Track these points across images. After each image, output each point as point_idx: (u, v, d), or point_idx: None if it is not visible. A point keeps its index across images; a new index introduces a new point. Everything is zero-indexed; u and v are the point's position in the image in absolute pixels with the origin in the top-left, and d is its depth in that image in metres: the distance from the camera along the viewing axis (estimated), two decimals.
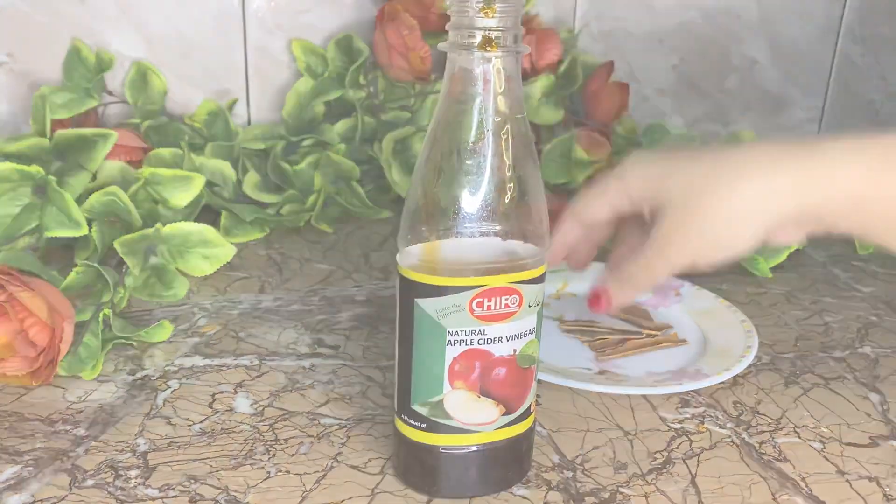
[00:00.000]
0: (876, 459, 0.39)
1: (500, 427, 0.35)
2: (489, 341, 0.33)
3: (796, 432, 0.41)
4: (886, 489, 0.37)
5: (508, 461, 0.36)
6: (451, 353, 0.33)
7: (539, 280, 0.34)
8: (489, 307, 0.33)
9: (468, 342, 0.33)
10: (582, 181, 0.63)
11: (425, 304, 0.33)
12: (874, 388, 0.46)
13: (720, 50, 0.74)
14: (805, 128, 0.78)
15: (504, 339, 0.33)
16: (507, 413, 0.34)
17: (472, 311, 0.33)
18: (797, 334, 0.51)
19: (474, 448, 0.35)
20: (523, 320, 0.34)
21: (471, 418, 0.34)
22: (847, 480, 0.38)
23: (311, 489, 0.37)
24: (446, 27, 0.31)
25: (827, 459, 0.39)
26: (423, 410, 0.34)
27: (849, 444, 0.41)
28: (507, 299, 0.33)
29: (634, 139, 0.67)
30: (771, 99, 0.77)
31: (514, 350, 0.34)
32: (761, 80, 0.76)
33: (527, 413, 0.35)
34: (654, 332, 0.49)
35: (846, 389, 0.45)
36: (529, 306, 0.33)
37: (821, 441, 0.41)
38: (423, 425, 0.34)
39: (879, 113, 0.79)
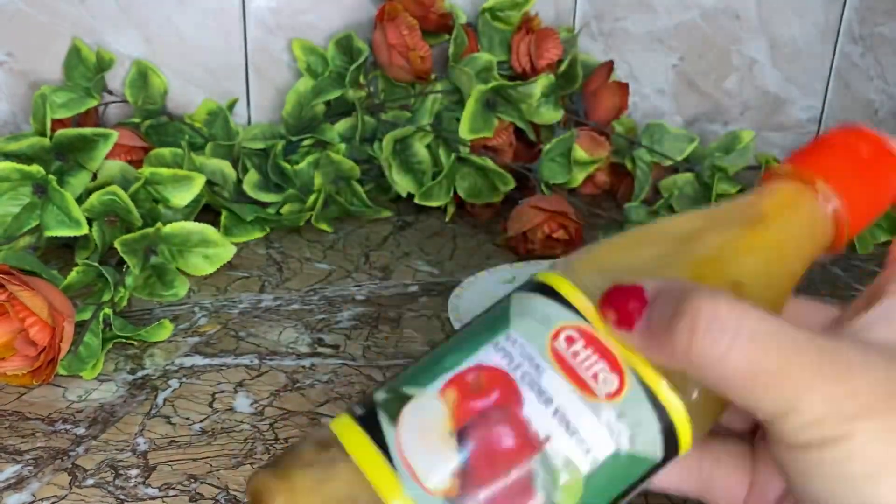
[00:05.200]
0: None
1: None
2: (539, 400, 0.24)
3: None
4: None
5: None
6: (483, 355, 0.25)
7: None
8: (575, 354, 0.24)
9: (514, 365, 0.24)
10: (582, 181, 0.63)
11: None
12: None
13: (720, 50, 0.74)
14: (805, 127, 0.78)
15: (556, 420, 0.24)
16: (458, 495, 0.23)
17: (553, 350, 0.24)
18: None
19: None
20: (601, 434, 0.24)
21: (416, 455, 0.23)
22: None
23: None
24: None
25: None
26: (382, 396, 0.25)
27: None
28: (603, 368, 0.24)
29: (634, 138, 0.67)
30: (770, 98, 0.77)
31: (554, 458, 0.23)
32: (761, 80, 0.76)
33: None
34: None
35: None
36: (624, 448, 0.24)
37: None
38: (361, 412, 0.25)
39: (879, 113, 0.79)
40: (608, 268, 0.26)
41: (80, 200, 0.52)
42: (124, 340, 0.47)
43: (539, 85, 0.63)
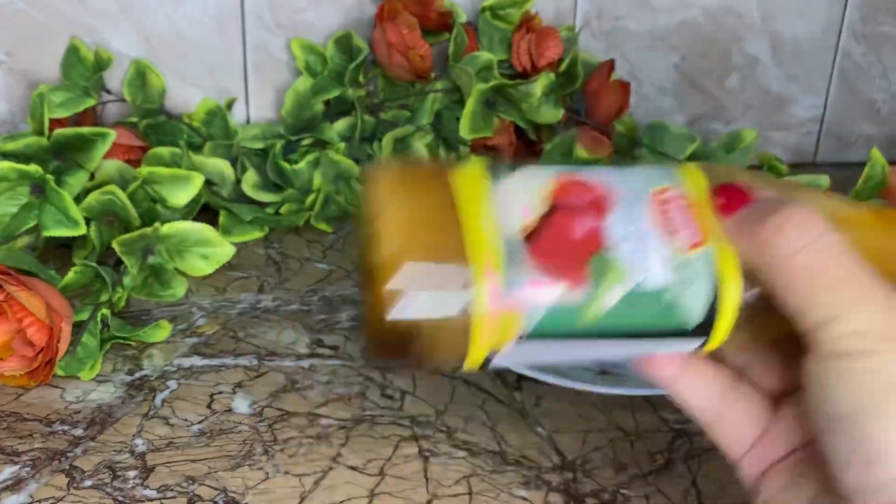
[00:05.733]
0: None
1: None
2: None
3: None
4: None
5: None
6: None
7: None
8: None
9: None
10: None
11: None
12: None
13: (721, 48, 0.74)
14: (807, 126, 0.78)
15: None
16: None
17: None
18: None
19: None
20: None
21: (513, 196, 0.27)
22: None
23: (309, 490, 0.37)
24: None
25: None
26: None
27: None
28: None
29: (635, 138, 0.67)
30: (772, 98, 0.76)
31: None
32: (763, 79, 0.76)
33: None
34: None
35: None
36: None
37: None
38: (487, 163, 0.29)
39: (881, 112, 0.79)
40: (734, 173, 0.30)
41: (77, 200, 0.52)
42: (122, 341, 0.47)
43: (539, 84, 0.62)
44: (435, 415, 0.42)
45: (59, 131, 0.54)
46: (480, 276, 0.26)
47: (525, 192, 0.27)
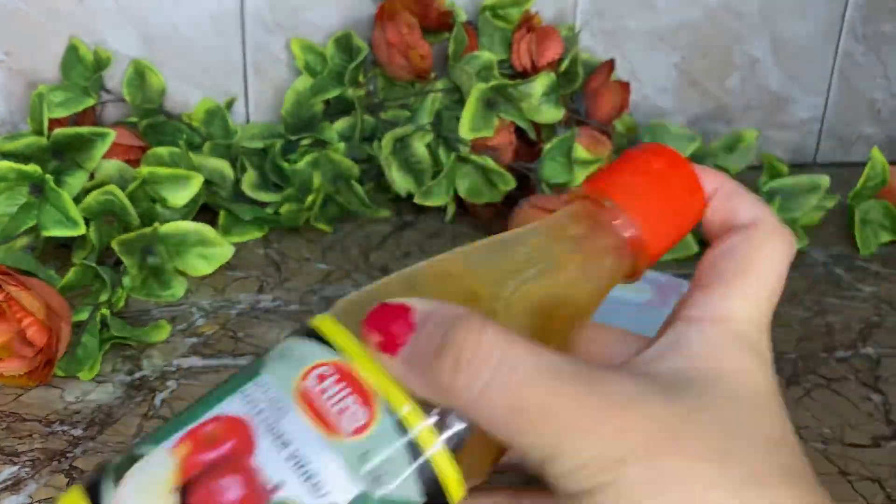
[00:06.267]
0: (878, 461, 0.39)
1: None
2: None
3: (798, 433, 0.41)
4: (889, 490, 0.37)
5: None
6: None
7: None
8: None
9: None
10: (582, 181, 0.63)
11: None
12: (876, 389, 0.45)
13: (722, 48, 0.74)
14: (807, 126, 0.78)
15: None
16: None
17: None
18: (799, 335, 0.51)
19: None
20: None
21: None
22: (849, 481, 0.38)
23: None
24: None
25: (829, 460, 0.39)
26: (115, 461, 0.23)
27: (851, 445, 0.40)
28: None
29: (635, 138, 0.67)
30: (772, 97, 0.76)
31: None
32: (763, 79, 0.76)
33: None
34: None
35: (848, 390, 0.45)
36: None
37: (823, 442, 0.41)
38: (87, 481, 0.23)
39: (881, 112, 0.79)
40: (376, 298, 0.23)
41: (77, 200, 0.52)
42: (122, 341, 0.47)
43: (540, 84, 0.62)
44: None
45: (58, 131, 0.54)
46: None
47: (140, 497, 0.21)
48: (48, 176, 0.51)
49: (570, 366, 0.21)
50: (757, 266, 0.25)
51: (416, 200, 0.61)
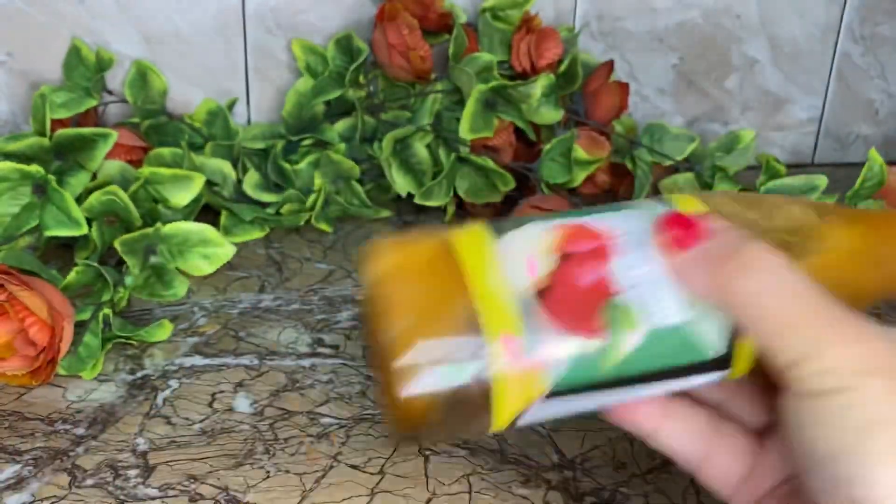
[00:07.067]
0: None
1: None
2: None
3: None
4: None
5: None
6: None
7: None
8: None
9: None
10: (582, 181, 0.63)
11: None
12: None
13: (720, 49, 0.74)
14: (805, 127, 0.78)
15: None
16: None
17: None
18: None
19: None
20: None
21: (515, 253, 0.28)
22: None
23: (310, 489, 0.37)
24: None
25: None
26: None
27: None
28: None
29: (634, 138, 0.67)
30: (771, 98, 0.77)
31: None
32: (761, 80, 0.76)
33: None
34: None
35: None
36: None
37: None
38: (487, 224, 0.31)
39: (879, 112, 0.79)
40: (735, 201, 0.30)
41: (79, 200, 0.52)
42: (124, 341, 0.47)
43: (539, 85, 0.63)
44: None
45: (60, 132, 0.54)
46: (498, 340, 0.26)
47: (529, 249, 0.27)
48: (50, 176, 0.51)
49: (838, 303, 0.26)
50: None
51: (417, 201, 0.61)
